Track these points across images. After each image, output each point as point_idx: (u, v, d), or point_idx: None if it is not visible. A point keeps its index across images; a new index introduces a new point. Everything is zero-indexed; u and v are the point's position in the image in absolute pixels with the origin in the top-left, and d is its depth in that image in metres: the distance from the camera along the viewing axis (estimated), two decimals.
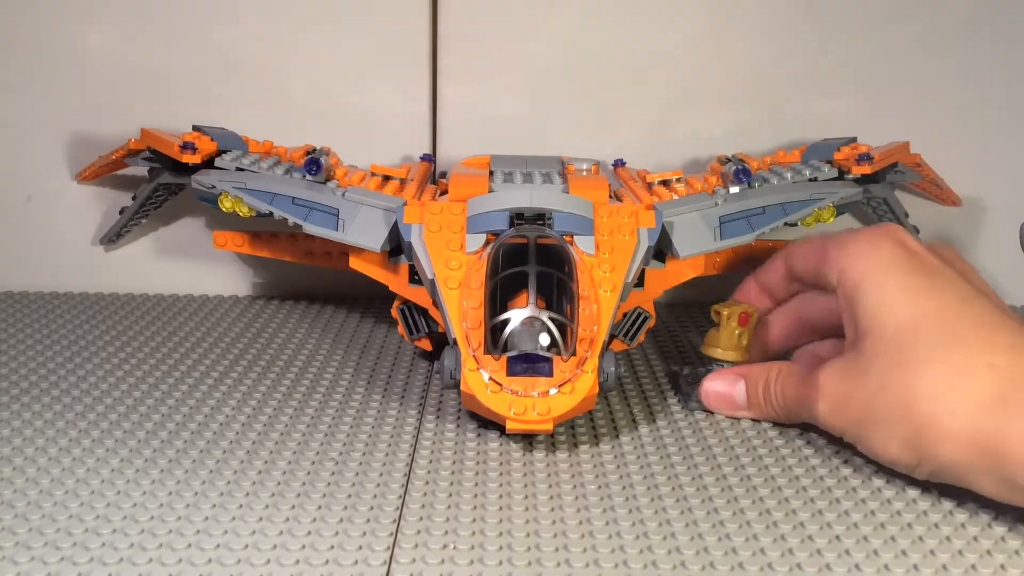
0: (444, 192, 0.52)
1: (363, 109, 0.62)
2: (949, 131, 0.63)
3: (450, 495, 0.38)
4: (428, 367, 0.54)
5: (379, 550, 0.34)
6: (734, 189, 0.52)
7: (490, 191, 0.49)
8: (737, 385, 0.46)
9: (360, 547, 0.34)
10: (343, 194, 0.50)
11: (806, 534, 0.36)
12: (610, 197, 0.50)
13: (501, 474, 0.40)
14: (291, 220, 0.49)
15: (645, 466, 0.41)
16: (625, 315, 0.50)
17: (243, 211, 0.50)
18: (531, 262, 0.42)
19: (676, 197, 0.52)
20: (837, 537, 0.35)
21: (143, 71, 0.62)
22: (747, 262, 0.55)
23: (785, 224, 0.51)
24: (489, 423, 0.44)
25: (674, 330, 0.61)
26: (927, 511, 0.37)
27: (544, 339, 0.41)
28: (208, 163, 0.54)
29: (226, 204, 0.50)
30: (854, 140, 0.57)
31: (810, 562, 0.34)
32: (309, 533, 0.35)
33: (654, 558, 0.34)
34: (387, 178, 0.54)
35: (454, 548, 0.34)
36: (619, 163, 0.62)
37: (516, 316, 0.41)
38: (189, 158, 0.53)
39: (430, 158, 0.62)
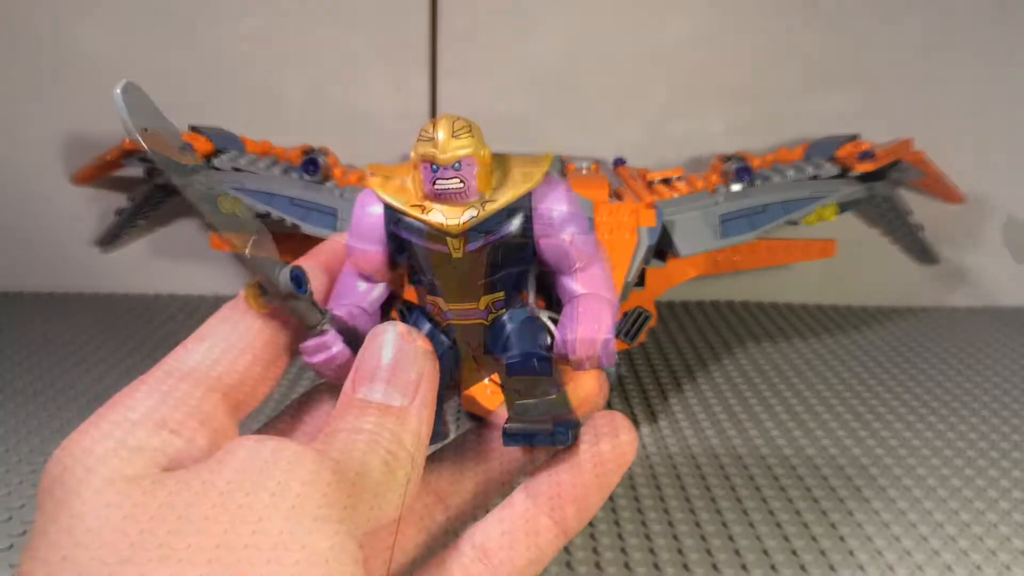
0: None
1: (361, 108, 0.62)
2: (952, 128, 0.62)
3: None
4: None
5: None
6: (735, 187, 0.52)
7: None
8: None
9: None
10: (341, 194, 0.50)
11: (810, 535, 0.35)
12: (610, 196, 0.50)
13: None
14: (289, 220, 0.49)
15: (646, 467, 0.41)
16: (626, 314, 0.50)
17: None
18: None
19: (677, 196, 0.52)
20: (841, 538, 0.35)
21: (140, 71, 0.61)
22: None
23: (787, 222, 0.50)
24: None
25: (674, 330, 0.60)
26: (931, 511, 0.37)
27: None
28: (205, 163, 0.53)
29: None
30: (856, 137, 0.57)
31: (815, 563, 0.33)
32: None
33: (656, 560, 0.33)
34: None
35: None
36: (619, 161, 0.61)
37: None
38: None
39: None
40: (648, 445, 0.43)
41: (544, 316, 0.43)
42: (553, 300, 0.42)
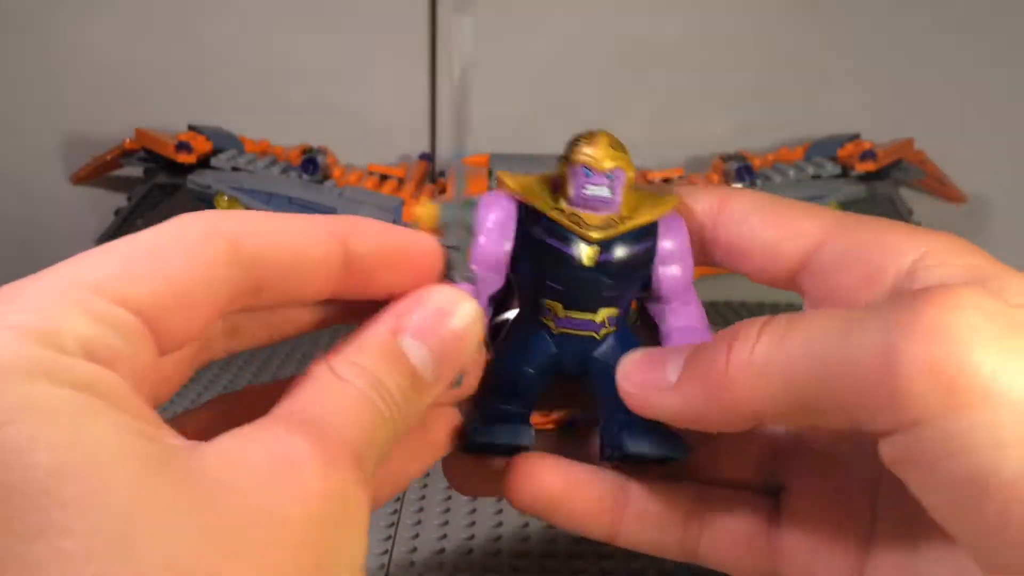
0: (443, 191, 0.51)
1: (360, 107, 0.62)
2: (953, 127, 0.62)
3: (448, 498, 0.38)
4: None
5: (377, 553, 0.33)
6: (736, 187, 0.52)
7: (489, 190, 0.49)
8: (672, 361, 0.22)
9: None
10: (340, 193, 0.50)
11: None
12: None
13: None
14: None
15: None
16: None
17: None
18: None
19: None
20: None
21: (138, 70, 0.61)
22: None
23: None
24: None
25: None
26: None
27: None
28: (204, 163, 0.53)
29: (222, 204, 0.50)
30: (857, 136, 0.57)
31: None
32: None
33: (662, 567, 0.33)
34: (384, 177, 0.54)
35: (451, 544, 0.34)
36: None
37: (514, 315, 0.40)
38: (185, 158, 0.53)
39: (428, 157, 0.62)
40: None
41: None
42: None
